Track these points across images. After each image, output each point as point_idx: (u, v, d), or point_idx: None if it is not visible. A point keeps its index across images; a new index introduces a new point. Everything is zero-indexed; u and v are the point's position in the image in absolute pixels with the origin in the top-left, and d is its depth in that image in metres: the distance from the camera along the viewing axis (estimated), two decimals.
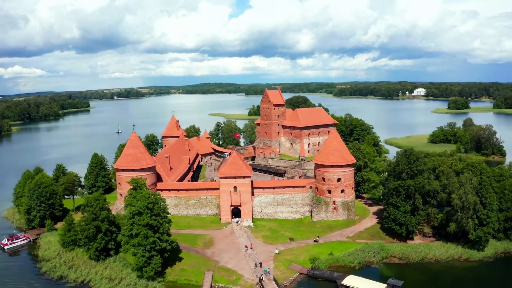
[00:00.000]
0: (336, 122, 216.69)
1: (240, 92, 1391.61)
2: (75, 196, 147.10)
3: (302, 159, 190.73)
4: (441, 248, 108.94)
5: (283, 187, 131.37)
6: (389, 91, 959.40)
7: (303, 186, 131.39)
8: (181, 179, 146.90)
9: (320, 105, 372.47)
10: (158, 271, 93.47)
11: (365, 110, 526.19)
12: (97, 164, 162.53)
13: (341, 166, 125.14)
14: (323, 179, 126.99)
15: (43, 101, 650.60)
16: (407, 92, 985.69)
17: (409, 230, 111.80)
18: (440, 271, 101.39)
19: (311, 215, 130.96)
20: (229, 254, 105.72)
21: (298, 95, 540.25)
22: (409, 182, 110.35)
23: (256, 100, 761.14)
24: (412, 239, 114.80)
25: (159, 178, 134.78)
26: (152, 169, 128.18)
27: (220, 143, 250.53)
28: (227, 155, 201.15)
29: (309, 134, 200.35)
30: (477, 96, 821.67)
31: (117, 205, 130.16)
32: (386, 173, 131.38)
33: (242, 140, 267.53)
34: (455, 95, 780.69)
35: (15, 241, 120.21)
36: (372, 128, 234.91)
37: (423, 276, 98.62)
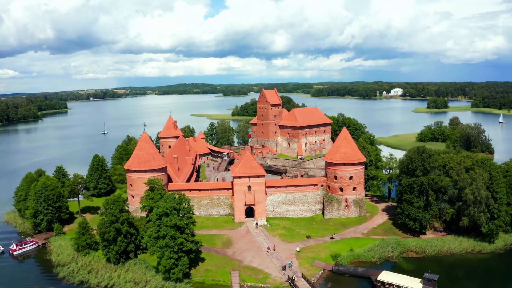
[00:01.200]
0: (332, 121, 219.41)
1: (217, 93, 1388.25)
2: (76, 199, 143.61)
3: (301, 159, 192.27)
4: (455, 242, 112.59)
5: (295, 186, 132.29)
6: (366, 91, 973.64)
7: (314, 185, 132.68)
8: (188, 180, 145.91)
9: (303, 105, 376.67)
10: (185, 272, 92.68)
11: (345, 110, 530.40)
12: (98, 165, 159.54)
13: (353, 164, 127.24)
14: (335, 177, 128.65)
15: (20, 103, 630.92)
16: (384, 92, 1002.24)
17: (423, 225, 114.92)
18: (455, 263, 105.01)
19: (322, 213, 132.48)
20: (251, 253, 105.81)
21: (281, 95, 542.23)
22: (422, 178, 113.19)
23: (234, 100, 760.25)
24: (424, 234, 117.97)
25: (169, 179, 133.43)
26: (164, 169, 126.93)
27: (214, 143, 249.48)
28: (226, 155, 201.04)
29: (306, 133, 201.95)
30: (454, 96, 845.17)
31: (129, 207, 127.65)
32: (397, 171, 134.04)
33: (236, 140, 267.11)
34: (432, 94, 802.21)
35: (24, 246, 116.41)
36: (366, 127, 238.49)
37: (440, 268, 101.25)
